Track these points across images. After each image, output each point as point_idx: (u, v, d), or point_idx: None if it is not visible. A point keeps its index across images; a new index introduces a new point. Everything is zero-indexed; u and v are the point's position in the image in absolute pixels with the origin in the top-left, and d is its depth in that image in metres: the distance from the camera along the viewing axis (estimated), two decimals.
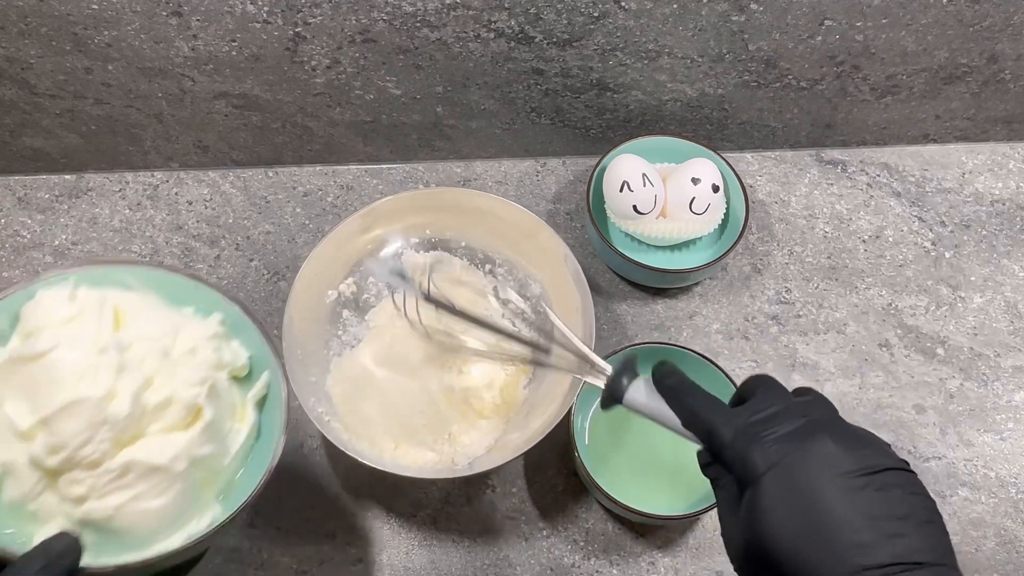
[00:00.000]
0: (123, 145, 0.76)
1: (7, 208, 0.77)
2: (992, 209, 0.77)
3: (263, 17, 0.63)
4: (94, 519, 0.39)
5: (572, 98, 0.72)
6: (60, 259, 0.74)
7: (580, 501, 0.64)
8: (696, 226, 0.70)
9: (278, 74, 0.68)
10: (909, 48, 0.69)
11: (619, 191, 0.69)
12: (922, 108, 0.76)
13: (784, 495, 0.34)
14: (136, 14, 0.62)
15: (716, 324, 0.71)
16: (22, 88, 0.69)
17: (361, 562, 0.62)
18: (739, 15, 0.65)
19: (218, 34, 0.64)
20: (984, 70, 0.72)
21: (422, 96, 0.71)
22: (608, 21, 0.64)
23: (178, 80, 0.68)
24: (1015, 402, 0.68)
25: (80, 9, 0.62)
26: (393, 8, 0.62)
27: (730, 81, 0.71)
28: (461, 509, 0.64)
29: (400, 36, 0.65)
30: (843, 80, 0.72)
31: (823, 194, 0.78)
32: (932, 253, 0.75)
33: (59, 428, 0.38)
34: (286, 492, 0.64)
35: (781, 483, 0.35)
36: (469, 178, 0.79)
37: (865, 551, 0.32)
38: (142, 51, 0.65)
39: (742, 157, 0.80)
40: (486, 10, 0.63)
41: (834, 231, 0.76)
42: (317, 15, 0.63)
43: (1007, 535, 0.63)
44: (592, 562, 0.62)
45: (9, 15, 0.62)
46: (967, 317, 0.72)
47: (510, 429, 0.62)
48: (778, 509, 0.34)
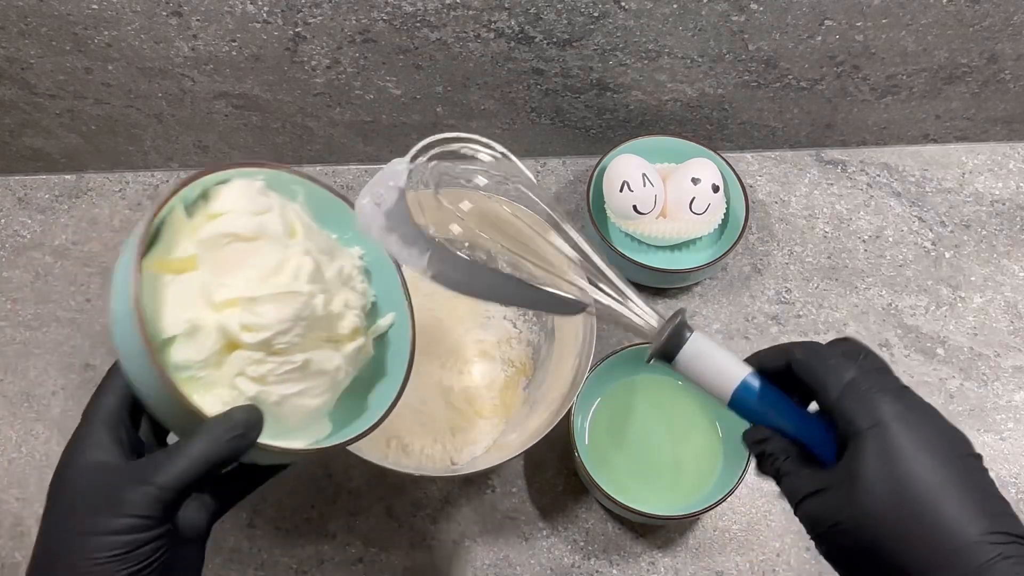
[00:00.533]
0: (123, 145, 0.76)
1: (7, 208, 0.77)
2: (992, 209, 0.77)
3: (263, 17, 0.63)
4: (263, 401, 0.40)
5: (572, 98, 0.72)
6: (60, 259, 0.74)
7: (580, 501, 0.64)
8: (696, 226, 0.70)
9: (278, 74, 0.68)
10: (909, 48, 0.69)
11: (619, 191, 0.69)
12: (922, 108, 0.76)
13: (912, 440, 0.33)
14: (136, 14, 0.62)
15: (716, 324, 0.71)
16: (22, 88, 0.69)
17: (361, 562, 0.62)
18: (739, 15, 0.65)
19: (218, 34, 0.64)
20: (984, 70, 0.72)
21: (422, 96, 0.71)
22: (608, 21, 0.64)
23: (178, 80, 0.68)
24: (1015, 402, 0.68)
25: (80, 9, 0.62)
26: (393, 8, 0.62)
27: (730, 81, 0.71)
28: (461, 509, 0.64)
29: (400, 36, 0.65)
30: (843, 80, 0.72)
31: (823, 194, 0.78)
32: (932, 253, 0.75)
33: (265, 311, 0.40)
34: (286, 492, 0.64)
35: (908, 431, 0.33)
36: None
37: (993, 519, 0.32)
38: (142, 51, 0.65)
39: (742, 157, 0.80)
40: (486, 10, 0.63)
41: (834, 231, 0.76)
42: (317, 15, 0.63)
43: None
44: (592, 562, 0.62)
45: (9, 15, 0.62)
46: (967, 317, 0.72)
47: (510, 429, 0.62)
48: (905, 453, 0.33)
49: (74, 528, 0.35)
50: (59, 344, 0.70)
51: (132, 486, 0.36)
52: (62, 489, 0.37)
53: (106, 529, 0.35)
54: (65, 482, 0.37)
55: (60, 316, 0.72)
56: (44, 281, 0.73)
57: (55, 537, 0.36)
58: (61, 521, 0.36)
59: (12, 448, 0.66)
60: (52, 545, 0.36)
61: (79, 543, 0.35)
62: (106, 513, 0.35)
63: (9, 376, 0.69)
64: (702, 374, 0.39)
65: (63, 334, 0.71)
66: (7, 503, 0.64)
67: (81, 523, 0.35)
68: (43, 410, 0.68)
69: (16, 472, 0.65)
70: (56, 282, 0.73)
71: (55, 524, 0.37)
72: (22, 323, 0.71)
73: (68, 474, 0.38)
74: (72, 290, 0.73)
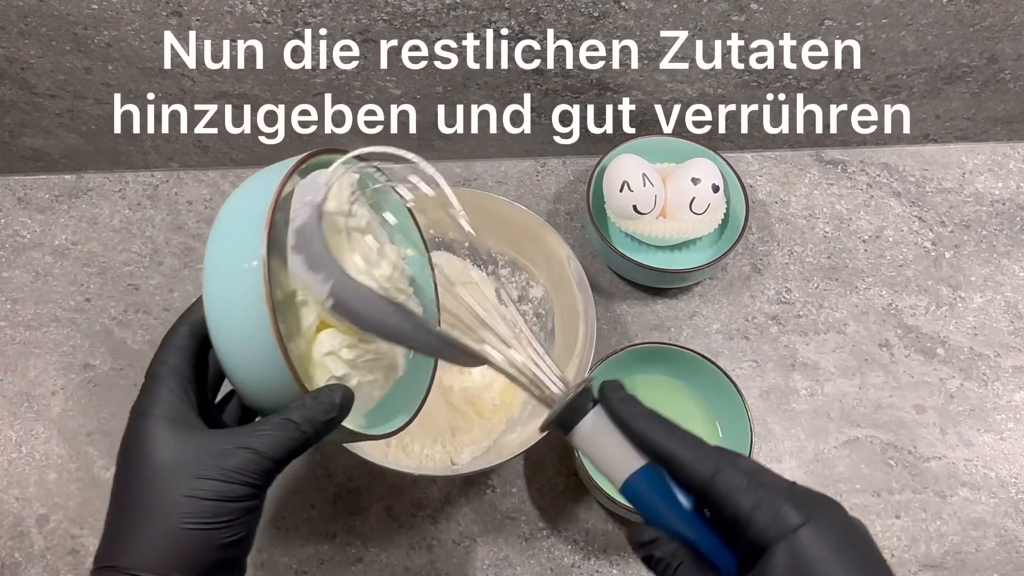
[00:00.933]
0: (123, 145, 0.76)
1: (7, 208, 0.77)
2: (992, 209, 0.77)
3: (263, 17, 0.63)
4: (345, 384, 0.40)
5: (572, 98, 0.72)
6: (60, 259, 0.74)
7: (580, 501, 0.64)
8: (696, 226, 0.70)
9: (278, 74, 0.68)
10: (909, 48, 0.69)
11: (619, 191, 0.69)
12: (922, 108, 0.76)
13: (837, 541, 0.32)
14: (136, 14, 0.62)
15: (716, 324, 0.71)
16: (22, 88, 0.69)
17: (361, 562, 0.62)
18: (739, 15, 0.65)
19: (218, 34, 0.64)
20: (984, 70, 0.72)
21: (422, 96, 0.71)
22: (608, 21, 0.64)
23: (178, 80, 0.68)
24: (1015, 402, 0.68)
25: (80, 9, 0.62)
26: (393, 8, 0.62)
27: (730, 81, 0.71)
28: (461, 509, 0.64)
29: (400, 36, 0.65)
30: (843, 80, 0.72)
31: (823, 194, 0.78)
32: (932, 253, 0.75)
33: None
34: (286, 492, 0.64)
35: (830, 539, 0.32)
36: (469, 178, 0.79)
37: None
38: (142, 51, 0.65)
39: (742, 157, 0.80)
40: (486, 10, 0.63)
41: (834, 231, 0.76)
42: (317, 15, 0.63)
43: (1007, 535, 0.63)
44: (592, 562, 0.62)
45: (9, 15, 0.62)
46: (967, 317, 0.72)
47: (510, 429, 0.62)
48: (832, 563, 0.31)
49: (176, 491, 0.35)
50: (59, 344, 0.70)
51: (241, 452, 0.36)
52: (148, 450, 0.36)
53: (213, 494, 0.35)
54: (152, 443, 0.36)
55: (60, 316, 0.72)
56: (44, 281, 0.73)
57: (149, 498, 0.35)
58: (157, 482, 0.35)
59: (12, 448, 0.66)
60: (143, 507, 0.35)
61: (182, 505, 0.34)
62: (213, 478, 0.35)
63: (9, 376, 0.69)
64: (601, 449, 0.37)
65: (63, 334, 0.71)
66: (7, 503, 0.64)
67: (182, 486, 0.35)
68: (43, 410, 0.68)
69: (16, 472, 0.65)
70: (56, 282, 0.73)
71: (149, 484, 0.35)
72: (22, 323, 0.71)
73: (152, 436, 0.36)
74: (72, 290, 0.73)
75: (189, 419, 0.37)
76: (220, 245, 0.37)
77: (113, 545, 0.35)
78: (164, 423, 0.36)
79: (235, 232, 0.37)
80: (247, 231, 0.36)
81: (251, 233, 0.36)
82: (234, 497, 0.35)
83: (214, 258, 0.37)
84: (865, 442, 0.66)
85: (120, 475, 0.37)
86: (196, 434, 0.37)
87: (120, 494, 0.36)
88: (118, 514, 0.36)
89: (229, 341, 0.36)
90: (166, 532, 0.34)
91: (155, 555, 0.34)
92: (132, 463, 0.36)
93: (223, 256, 0.37)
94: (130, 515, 0.36)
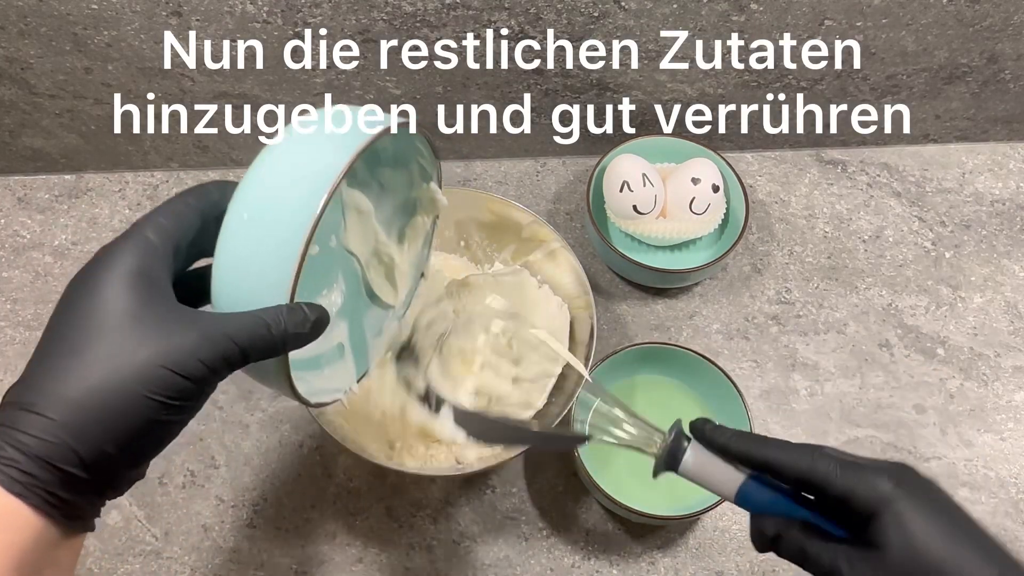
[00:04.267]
0: (123, 145, 0.76)
1: (7, 208, 0.77)
2: (992, 209, 0.77)
3: (263, 17, 0.63)
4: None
5: (572, 98, 0.72)
6: (60, 259, 0.74)
7: (580, 501, 0.64)
8: (696, 226, 0.70)
9: (278, 74, 0.68)
10: (909, 48, 0.69)
11: (619, 191, 0.69)
12: (922, 108, 0.76)
13: (929, 506, 0.36)
14: (136, 14, 0.62)
15: (716, 324, 0.71)
16: (22, 88, 0.69)
17: (361, 562, 0.62)
18: (739, 15, 0.65)
19: (218, 34, 0.64)
20: (984, 70, 0.72)
21: (422, 96, 0.71)
22: (608, 21, 0.64)
23: (178, 80, 0.68)
24: (1015, 402, 0.68)
25: (80, 9, 0.62)
26: (393, 8, 0.62)
27: (730, 81, 0.71)
28: (461, 509, 0.64)
29: (400, 36, 0.65)
30: (843, 80, 0.72)
31: (823, 194, 0.78)
32: (932, 253, 0.75)
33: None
34: (286, 492, 0.64)
35: (921, 499, 0.36)
36: (469, 178, 0.79)
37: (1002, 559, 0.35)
38: (142, 51, 0.65)
39: (742, 157, 0.80)
40: (486, 10, 0.63)
41: (834, 231, 0.76)
42: (317, 15, 0.63)
43: (1007, 535, 0.63)
44: (592, 562, 0.62)
45: (9, 15, 0.62)
46: (967, 317, 0.72)
47: None
48: (928, 519, 0.36)
49: (137, 351, 0.31)
50: None
51: (213, 334, 0.33)
52: (114, 297, 0.32)
53: (176, 366, 0.32)
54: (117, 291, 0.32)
55: None
56: (44, 281, 0.73)
57: (97, 347, 0.32)
58: (114, 334, 0.32)
59: None
60: (88, 352, 0.32)
61: (138, 366, 0.31)
62: (179, 350, 0.32)
63: (9, 376, 0.69)
64: (708, 474, 0.42)
65: None
66: None
67: (143, 348, 0.31)
68: None
69: None
70: (56, 282, 0.73)
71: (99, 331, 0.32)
72: (22, 323, 0.71)
73: (121, 284, 0.33)
74: None
75: (162, 285, 0.34)
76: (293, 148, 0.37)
77: (34, 383, 0.33)
78: (138, 276, 0.33)
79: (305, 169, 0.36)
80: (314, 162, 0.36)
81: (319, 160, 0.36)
82: (194, 377, 0.32)
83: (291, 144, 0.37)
84: (865, 442, 0.66)
85: (69, 311, 0.33)
86: (167, 301, 0.34)
87: (62, 332, 0.33)
88: (52, 353, 0.33)
89: (260, 226, 0.35)
90: (104, 386, 0.31)
91: (78, 409, 0.31)
92: (96, 303, 0.32)
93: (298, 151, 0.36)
94: (68, 358, 0.32)
